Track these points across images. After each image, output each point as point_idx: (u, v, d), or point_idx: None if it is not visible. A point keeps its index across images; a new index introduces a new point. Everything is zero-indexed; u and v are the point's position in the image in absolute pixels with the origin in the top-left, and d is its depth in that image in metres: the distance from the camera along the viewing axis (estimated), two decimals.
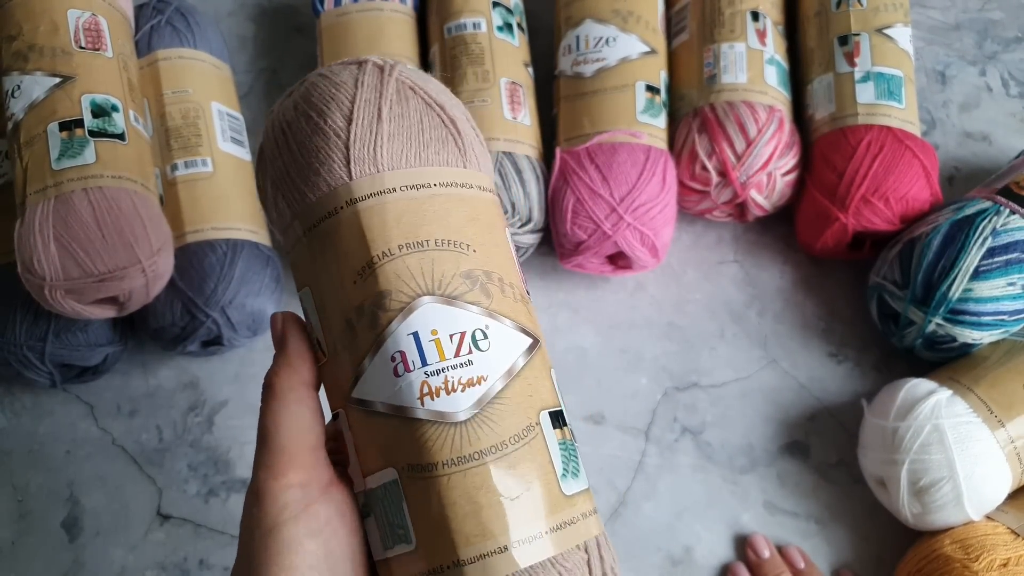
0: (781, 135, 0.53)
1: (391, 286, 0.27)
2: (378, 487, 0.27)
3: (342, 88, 0.29)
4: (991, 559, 0.43)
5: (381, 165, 0.28)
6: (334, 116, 0.28)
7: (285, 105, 0.30)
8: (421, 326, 0.26)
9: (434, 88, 0.30)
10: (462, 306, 0.27)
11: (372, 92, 0.28)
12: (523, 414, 0.27)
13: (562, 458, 0.28)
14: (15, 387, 0.55)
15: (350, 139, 0.28)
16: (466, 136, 0.30)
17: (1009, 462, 0.45)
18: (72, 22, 0.48)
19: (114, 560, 0.50)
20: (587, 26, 0.56)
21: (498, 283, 0.28)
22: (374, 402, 0.27)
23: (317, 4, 0.58)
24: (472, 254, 0.28)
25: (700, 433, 0.53)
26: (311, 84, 0.29)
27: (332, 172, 0.28)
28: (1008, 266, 0.47)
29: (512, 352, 0.28)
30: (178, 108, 0.54)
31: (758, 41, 0.55)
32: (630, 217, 0.51)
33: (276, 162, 0.29)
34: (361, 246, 0.27)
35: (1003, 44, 0.67)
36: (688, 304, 0.57)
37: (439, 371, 0.26)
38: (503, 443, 0.26)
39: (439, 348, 0.26)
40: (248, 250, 0.52)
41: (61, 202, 0.44)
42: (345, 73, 0.29)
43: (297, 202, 0.28)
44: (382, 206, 0.27)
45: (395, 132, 0.28)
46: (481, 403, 0.26)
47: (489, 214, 0.29)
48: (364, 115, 0.28)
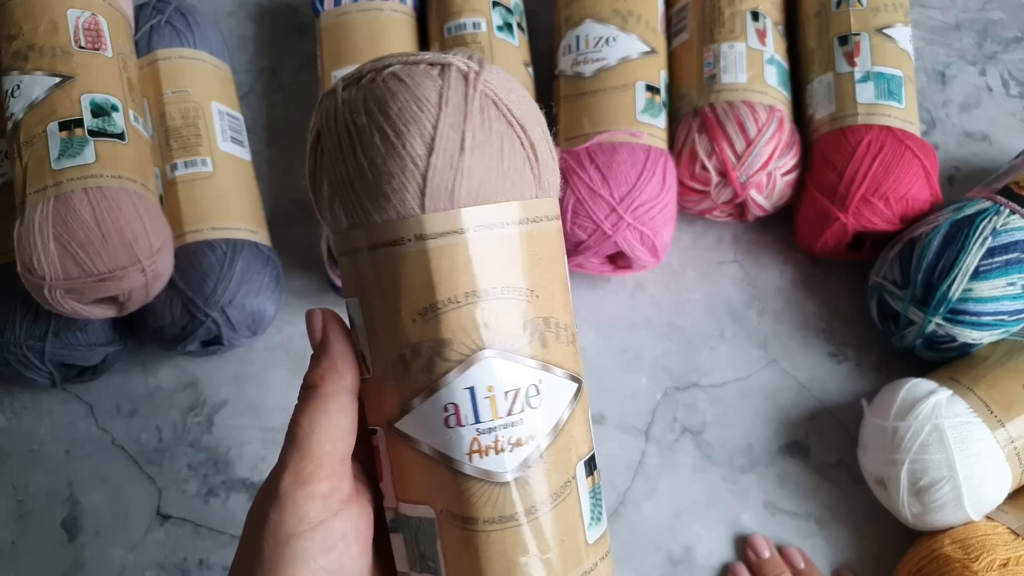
0: (781, 135, 0.53)
1: (453, 335, 0.26)
2: (413, 517, 0.27)
3: (425, 106, 0.26)
4: (991, 559, 0.43)
5: (457, 201, 0.26)
6: (414, 141, 0.25)
7: (355, 101, 0.27)
8: (478, 382, 0.26)
9: (516, 100, 0.27)
10: (520, 361, 0.26)
11: (456, 114, 0.26)
12: (563, 470, 0.27)
13: (591, 506, 0.28)
14: (15, 387, 0.55)
15: (428, 172, 0.25)
16: (543, 160, 0.28)
17: (1009, 462, 0.45)
18: (72, 22, 0.48)
19: (114, 560, 0.50)
20: (587, 26, 0.56)
21: (554, 328, 0.27)
22: (420, 441, 0.27)
23: (317, 4, 0.58)
24: (535, 300, 0.27)
25: (700, 433, 0.53)
26: (389, 90, 0.26)
27: (404, 201, 0.25)
28: (1008, 266, 0.47)
29: (559, 404, 0.27)
30: (178, 108, 0.54)
31: (758, 41, 0.55)
32: (630, 217, 0.51)
33: (338, 165, 0.27)
34: (426, 286, 0.26)
35: (1003, 44, 0.67)
36: (688, 304, 0.57)
37: (491, 430, 0.26)
38: (543, 503, 0.27)
39: (493, 406, 0.26)
40: (248, 250, 0.52)
41: (61, 202, 0.44)
42: (428, 84, 0.26)
43: (358, 215, 0.26)
44: (453, 248, 0.25)
45: (475, 165, 0.26)
46: (526, 464, 0.26)
47: (553, 248, 0.28)
48: (446, 145, 0.26)
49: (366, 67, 0.27)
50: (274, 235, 0.56)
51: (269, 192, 0.59)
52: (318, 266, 0.57)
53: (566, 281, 0.29)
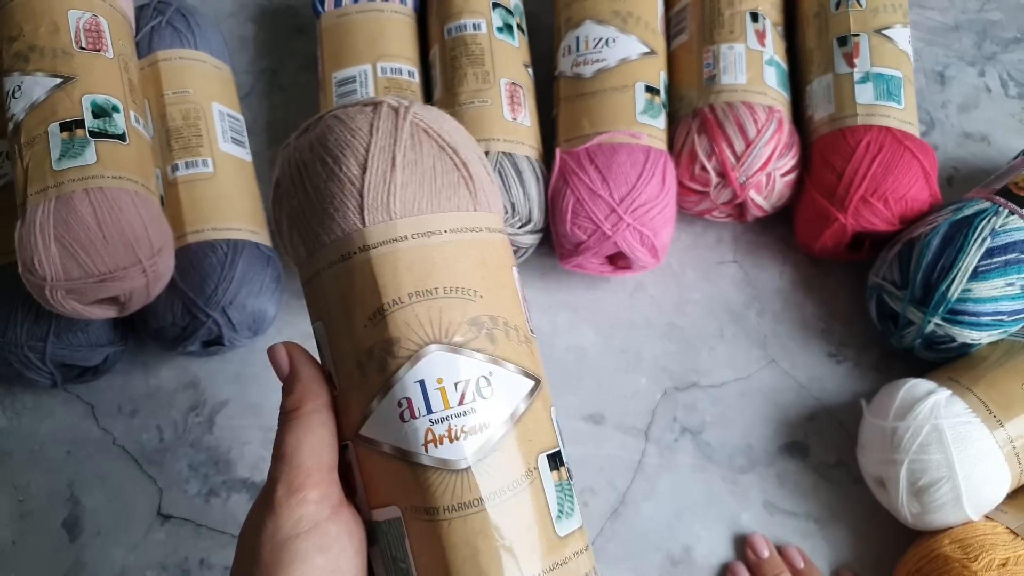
0: (780, 136, 0.53)
1: (400, 333, 0.28)
2: (383, 521, 0.28)
3: (357, 135, 0.29)
4: (990, 559, 0.43)
5: (393, 213, 0.28)
6: (349, 164, 0.29)
7: (301, 144, 0.30)
8: (427, 374, 0.27)
9: (448, 129, 0.30)
10: (467, 354, 0.28)
11: (387, 139, 0.29)
12: (523, 460, 0.28)
13: (557, 500, 0.29)
14: (16, 387, 0.55)
15: (364, 188, 0.28)
16: (477, 178, 0.30)
17: (1008, 462, 0.45)
18: (73, 23, 0.48)
19: (115, 560, 0.50)
20: (587, 27, 0.56)
21: (503, 327, 0.29)
22: (381, 443, 0.28)
23: (317, 5, 0.58)
24: (479, 300, 0.29)
25: (700, 433, 0.53)
26: (327, 127, 0.30)
27: (346, 218, 0.28)
28: (1007, 266, 0.47)
29: (514, 397, 0.29)
30: (179, 109, 0.54)
31: (757, 42, 0.55)
32: (630, 217, 0.51)
33: (292, 200, 0.30)
34: (373, 292, 0.28)
35: (1002, 45, 0.67)
36: (688, 304, 0.57)
37: (443, 419, 0.27)
38: (502, 489, 0.27)
39: (444, 396, 0.27)
40: (248, 250, 0.52)
41: (62, 202, 0.44)
42: (360, 117, 0.30)
43: (312, 241, 0.29)
44: (394, 254, 0.28)
45: (408, 180, 0.29)
46: (483, 451, 0.27)
47: (497, 256, 0.30)
48: (378, 164, 0.29)
49: (314, 118, 0.31)
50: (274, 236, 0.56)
51: (269, 192, 0.59)
52: None
53: (515, 288, 0.31)
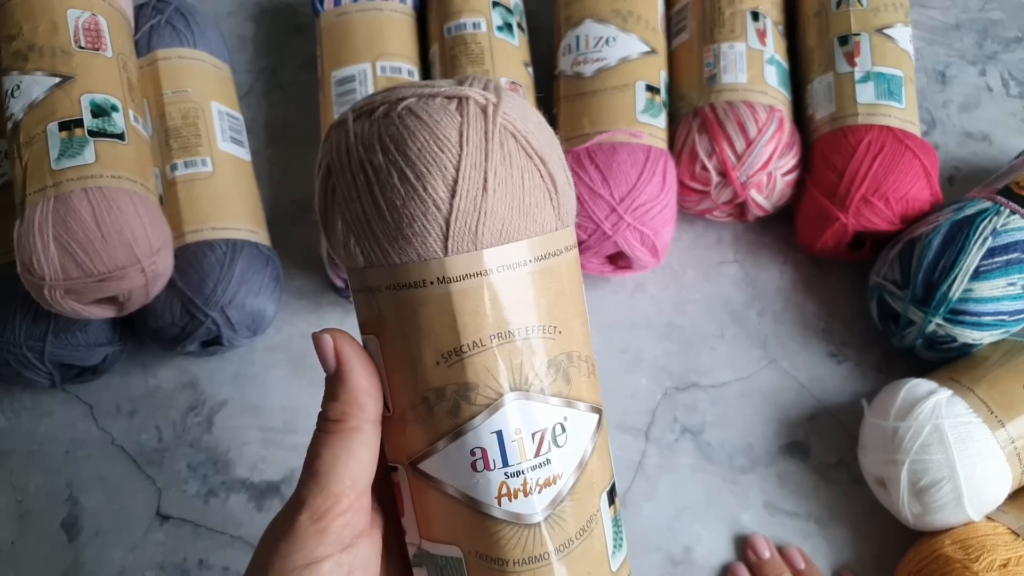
0: (781, 135, 0.53)
1: (479, 379, 0.25)
2: (439, 556, 0.27)
3: (445, 146, 0.25)
4: (991, 559, 0.43)
5: (480, 243, 0.25)
6: (435, 184, 0.25)
7: (369, 137, 0.26)
8: (505, 426, 0.25)
9: (534, 131, 0.27)
10: (546, 400, 0.26)
11: (478, 153, 0.25)
12: (589, 505, 0.27)
13: (613, 534, 0.28)
14: (15, 387, 0.55)
15: (452, 215, 0.25)
16: (562, 192, 0.27)
17: (1009, 462, 0.45)
18: (72, 22, 0.48)
19: (114, 560, 0.50)
20: (587, 26, 0.56)
21: (576, 363, 0.27)
22: (445, 484, 0.26)
23: (317, 4, 0.58)
24: (557, 336, 0.26)
25: (700, 433, 0.53)
26: (406, 127, 0.25)
27: (426, 245, 0.25)
28: (1008, 266, 0.47)
29: (584, 439, 0.27)
30: (178, 108, 0.54)
31: (758, 41, 0.55)
32: (630, 217, 0.51)
33: (353, 204, 0.26)
34: (450, 330, 0.25)
35: (1003, 44, 0.67)
36: (688, 304, 0.57)
37: (519, 472, 0.26)
38: (570, 540, 0.27)
39: (521, 449, 0.26)
40: (248, 250, 0.52)
41: (61, 202, 0.44)
42: (447, 121, 0.25)
43: (377, 256, 0.26)
44: (477, 290, 0.25)
45: (498, 204, 0.25)
46: (555, 504, 0.26)
47: (573, 278, 0.28)
48: (469, 187, 0.25)
49: (378, 99, 0.26)
50: (274, 235, 0.56)
51: (269, 192, 0.59)
52: (318, 266, 0.57)
53: (585, 311, 0.28)
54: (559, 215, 0.27)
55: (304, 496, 0.26)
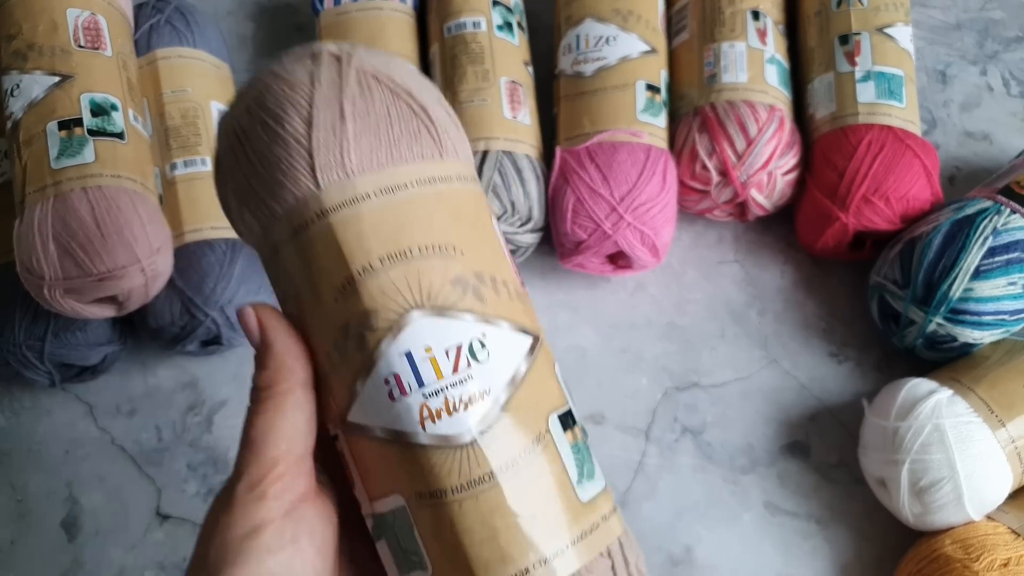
0: (782, 134, 0.52)
1: (376, 304, 0.25)
2: (387, 512, 0.26)
3: (298, 88, 0.26)
4: (992, 559, 0.43)
5: (350, 170, 0.25)
6: (292, 121, 0.25)
7: (238, 110, 0.27)
8: (414, 344, 0.25)
9: (400, 73, 0.27)
10: (455, 316, 0.25)
11: (331, 88, 0.26)
12: (531, 423, 0.26)
13: (576, 462, 0.26)
14: (14, 387, 0.55)
15: (312, 145, 0.25)
16: (439, 123, 0.27)
17: (1010, 462, 0.45)
18: (71, 21, 0.48)
19: (113, 560, 0.50)
20: (587, 25, 0.56)
21: (491, 283, 0.26)
22: (372, 427, 0.25)
23: (316, 3, 0.58)
24: (460, 256, 0.26)
25: (700, 433, 0.53)
26: (264, 86, 0.26)
27: (298, 183, 0.25)
28: (1009, 265, 0.47)
29: (514, 357, 0.26)
30: (177, 107, 0.54)
31: (758, 40, 0.55)
32: (630, 216, 0.51)
33: (236, 173, 0.27)
34: (338, 261, 0.25)
35: (1004, 43, 0.67)
36: (688, 304, 0.57)
37: (438, 391, 0.25)
38: (514, 459, 0.25)
39: (435, 366, 0.25)
40: (247, 250, 0.51)
41: (60, 201, 0.43)
42: (299, 69, 0.26)
43: (264, 216, 0.26)
44: (356, 216, 0.25)
45: (361, 130, 0.25)
46: (486, 420, 0.25)
47: (473, 207, 0.27)
48: (325, 116, 0.25)
49: (248, 80, 0.28)
50: None
51: None
52: None
53: (498, 241, 0.28)
54: (441, 146, 0.27)
55: (241, 466, 0.25)
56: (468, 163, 0.29)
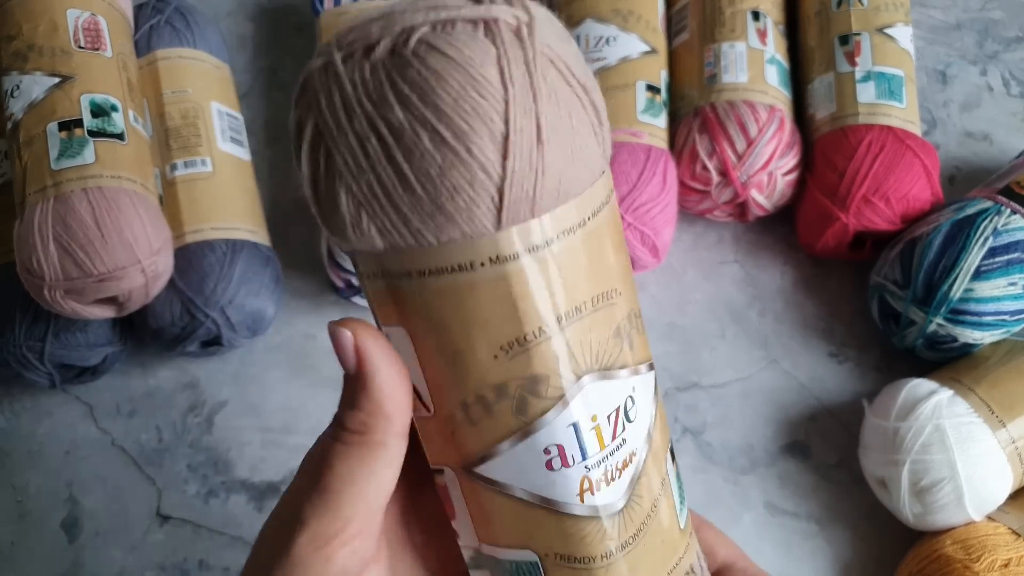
0: (782, 135, 0.52)
1: (548, 369, 0.21)
2: (507, 561, 0.24)
3: (487, 91, 0.19)
4: (992, 559, 0.43)
5: (538, 209, 0.20)
6: (482, 143, 0.19)
7: (376, 87, 0.19)
8: (582, 415, 0.22)
9: (571, 52, 0.21)
10: (616, 375, 0.22)
11: (525, 93, 0.19)
12: (659, 472, 0.24)
13: (678, 491, 0.25)
14: (14, 388, 0.55)
15: (506, 180, 0.19)
16: (605, 120, 0.22)
17: (1010, 462, 0.45)
18: (71, 22, 0.48)
19: (114, 561, 0.50)
20: (587, 25, 0.56)
21: (635, 322, 0.23)
22: (511, 487, 0.22)
23: (316, 3, 0.58)
24: (619, 299, 0.22)
25: (701, 433, 0.53)
26: (431, 71, 0.19)
27: (474, 219, 0.19)
28: (1009, 266, 0.47)
29: (649, 404, 0.24)
30: (177, 108, 0.54)
31: (759, 40, 0.55)
32: (630, 217, 0.51)
33: (365, 175, 0.19)
34: (510, 319, 0.20)
35: (1004, 44, 0.67)
36: (689, 304, 0.57)
37: (600, 462, 0.22)
38: (649, 516, 0.24)
39: (599, 436, 0.22)
40: (248, 250, 0.51)
41: (60, 202, 0.43)
42: (480, 54, 0.19)
43: (403, 237, 0.20)
44: (539, 266, 0.20)
45: (554, 154, 0.20)
46: (632, 484, 0.23)
47: (618, 230, 0.23)
48: (522, 139, 0.19)
49: (374, 29, 0.19)
50: (274, 235, 0.56)
51: (269, 192, 0.59)
52: (318, 266, 0.57)
53: (627, 258, 0.24)
54: (604, 152, 0.22)
55: (307, 514, 0.21)
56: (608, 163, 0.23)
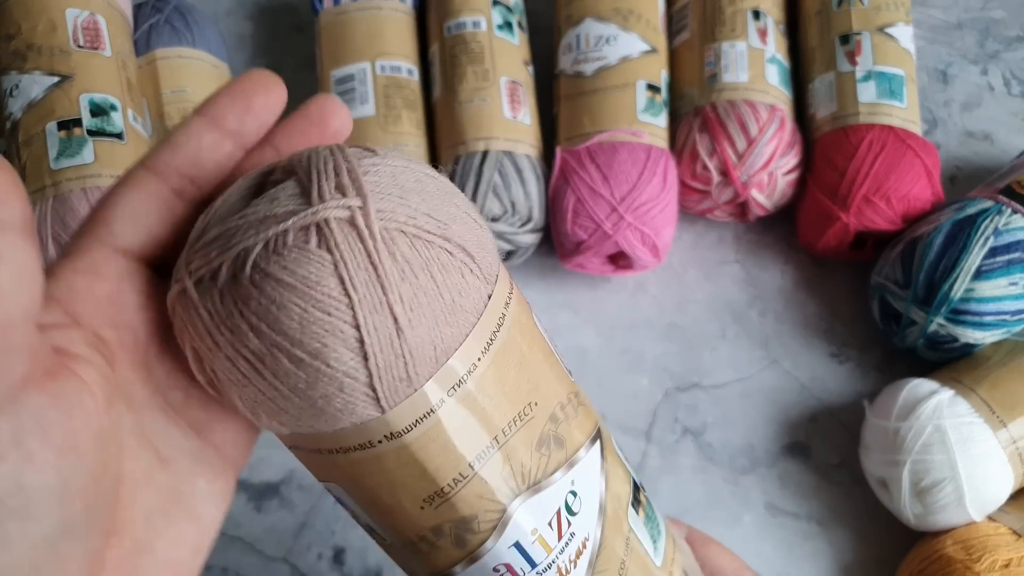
0: (782, 134, 0.52)
1: (475, 509, 0.21)
2: None
3: (331, 307, 0.18)
4: (993, 560, 0.43)
5: (418, 380, 0.19)
6: (339, 355, 0.19)
7: (227, 317, 0.19)
8: (521, 534, 0.22)
9: (419, 200, 0.20)
10: (549, 484, 0.22)
11: (371, 289, 0.18)
12: (620, 537, 0.24)
13: (648, 534, 0.25)
14: None
15: (372, 374, 0.19)
16: (478, 248, 0.21)
17: (1011, 463, 0.45)
18: (70, 21, 0.48)
19: None
20: (588, 25, 0.56)
21: (563, 414, 0.23)
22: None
23: (316, 3, 0.58)
24: (536, 409, 0.22)
25: (701, 434, 0.53)
26: (271, 300, 0.18)
27: (355, 412, 0.19)
28: (1010, 266, 0.47)
29: (594, 482, 0.23)
30: (177, 107, 0.53)
31: (759, 40, 0.55)
32: (631, 217, 0.51)
33: (247, 388, 0.20)
34: (422, 479, 0.21)
35: (1005, 43, 0.67)
36: (689, 304, 0.57)
37: (550, 565, 0.23)
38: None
39: (543, 544, 0.23)
40: None
41: (59, 202, 0.43)
42: (316, 270, 0.18)
43: (300, 428, 0.20)
44: (435, 428, 0.20)
45: (418, 323, 0.19)
46: (592, 563, 0.23)
47: (526, 327, 0.22)
48: (378, 335, 0.19)
49: (213, 252, 0.19)
50: None
51: None
52: None
53: (547, 346, 0.24)
54: (484, 277, 0.21)
55: None
56: (501, 268, 0.22)
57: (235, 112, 0.22)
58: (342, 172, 0.19)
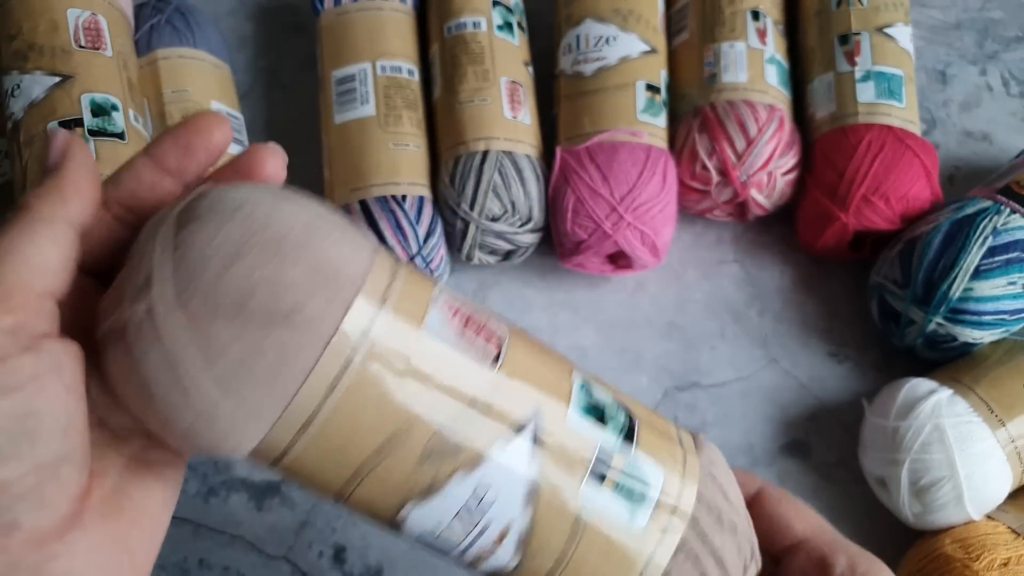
0: (781, 134, 0.53)
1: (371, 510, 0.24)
2: None
3: (137, 399, 0.22)
4: (992, 558, 0.43)
5: (241, 451, 0.22)
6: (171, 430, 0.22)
7: None
8: (421, 532, 0.24)
9: (234, 274, 0.20)
10: (442, 490, 0.23)
11: (174, 389, 0.21)
12: (562, 517, 0.24)
13: (625, 500, 0.25)
14: None
15: (204, 453, 0.22)
16: (310, 310, 0.21)
17: (1010, 461, 0.45)
18: (72, 21, 0.48)
19: None
20: (587, 25, 0.56)
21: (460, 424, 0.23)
22: None
23: (317, 3, 0.58)
24: (408, 434, 0.23)
25: (700, 433, 0.53)
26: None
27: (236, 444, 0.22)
28: (1008, 265, 0.47)
29: (518, 473, 0.24)
30: (178, 108, 0.54)
31: (758, 40, 0.55)
32: (630, 216, 0.51)
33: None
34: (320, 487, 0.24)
35: (1004, 43, 0.67)
36: (688, 304, 0.57)
37: (465, 551, 0.25)
38: (566, 549, 0.24)
39: (451, 535, 0.24)
40: None
41: None
42: (122, 367, 0.21)
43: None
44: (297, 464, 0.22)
45: (232, 416, 0.21)
46: (521, 546, 0.24)
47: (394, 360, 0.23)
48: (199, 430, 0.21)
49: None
50: None
51: None
52: None
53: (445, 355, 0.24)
54: (327, 311, 0.21)
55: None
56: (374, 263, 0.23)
57: (175, 154, 0.24)
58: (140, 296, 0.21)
